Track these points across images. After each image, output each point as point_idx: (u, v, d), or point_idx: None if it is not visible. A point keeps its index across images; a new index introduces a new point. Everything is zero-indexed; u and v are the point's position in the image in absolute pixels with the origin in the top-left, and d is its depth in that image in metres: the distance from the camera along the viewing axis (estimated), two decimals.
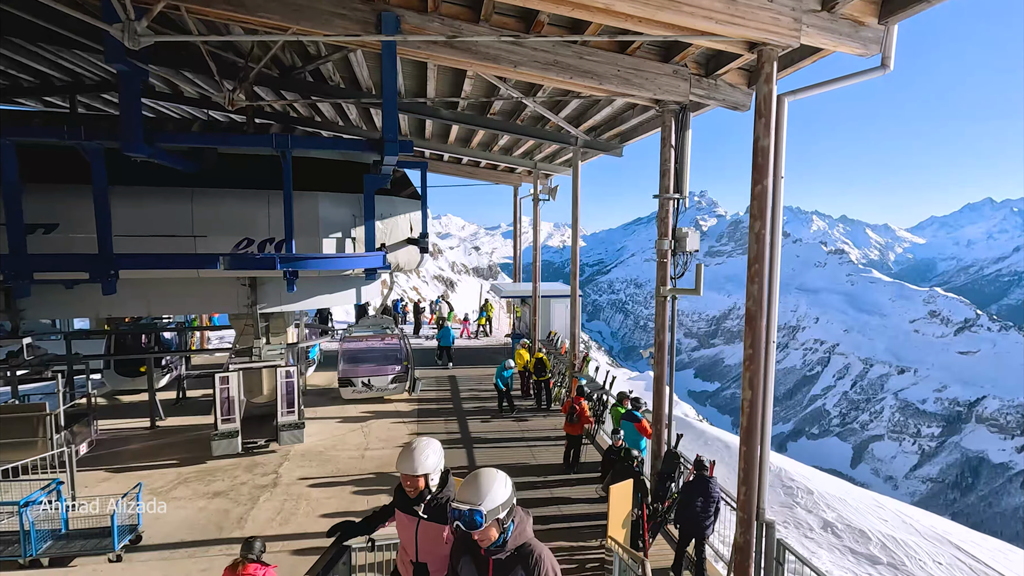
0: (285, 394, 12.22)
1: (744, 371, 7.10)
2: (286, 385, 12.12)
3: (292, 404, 12.25)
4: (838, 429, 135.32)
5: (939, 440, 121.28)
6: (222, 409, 11.81)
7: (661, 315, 9.84)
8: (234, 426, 11.99)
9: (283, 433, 12.31)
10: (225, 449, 11.98)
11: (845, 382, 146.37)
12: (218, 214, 11.71)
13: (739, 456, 7.18)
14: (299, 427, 12.35)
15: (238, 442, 12.07)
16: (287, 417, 12.34)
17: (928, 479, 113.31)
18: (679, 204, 9.72)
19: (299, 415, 12.33)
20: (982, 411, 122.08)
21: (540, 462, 12.58)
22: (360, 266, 11.41)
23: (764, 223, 6.82)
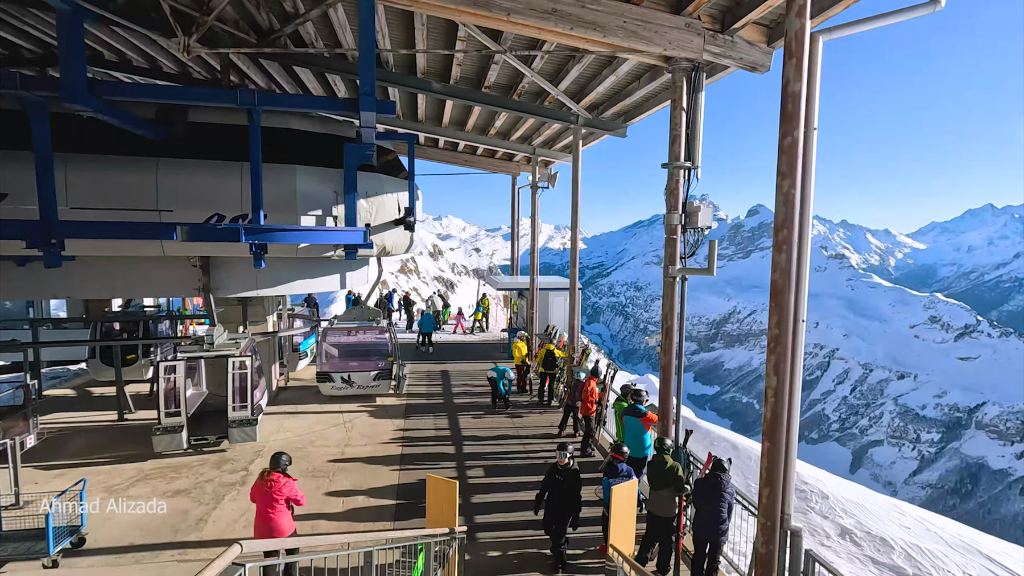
0: (237, 387, 11.07)
1: (768, 354, 6.12)
2: (238, 377, 11.00)
3: (245, 398, 11.12)
4: (837, 434, 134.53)
5: (939, 446, 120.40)
6: (166, 402, 10.75)
7: (669, 297, 8.87)
8: (179, 421, 10.91)
9: (233, 430, 11.18)
10: (167, 446, 10.92)
11: (844, 387, 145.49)
12: (186, 186, 10.74)
13: (761, 453, 6.20)
14: (251, 424, 11.18)
15: (183, 438, 10.99)
16: (238, 413, 11.18)
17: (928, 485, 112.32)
18: (691, 175, 8.75)
19: (252, 410, 11.21)
20: (982, 417, 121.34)
21: (535, 462, 11.59)
22: (337, 241, 10.38)
23: (793, 181, 5.85)
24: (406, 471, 10.90)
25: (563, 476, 7.84)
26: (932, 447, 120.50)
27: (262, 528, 6.84)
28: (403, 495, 9.96)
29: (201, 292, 11.41)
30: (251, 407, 11.09)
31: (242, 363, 10.87)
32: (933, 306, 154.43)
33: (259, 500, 6.90)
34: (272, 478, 6.90)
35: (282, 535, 6.75)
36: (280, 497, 6.85)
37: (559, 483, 7.84)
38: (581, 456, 12.09)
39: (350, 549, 4.90)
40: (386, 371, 14.84)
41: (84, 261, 11.33)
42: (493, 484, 10.46)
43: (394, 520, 9.07)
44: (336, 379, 14.62)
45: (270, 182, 11.18)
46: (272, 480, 6.89)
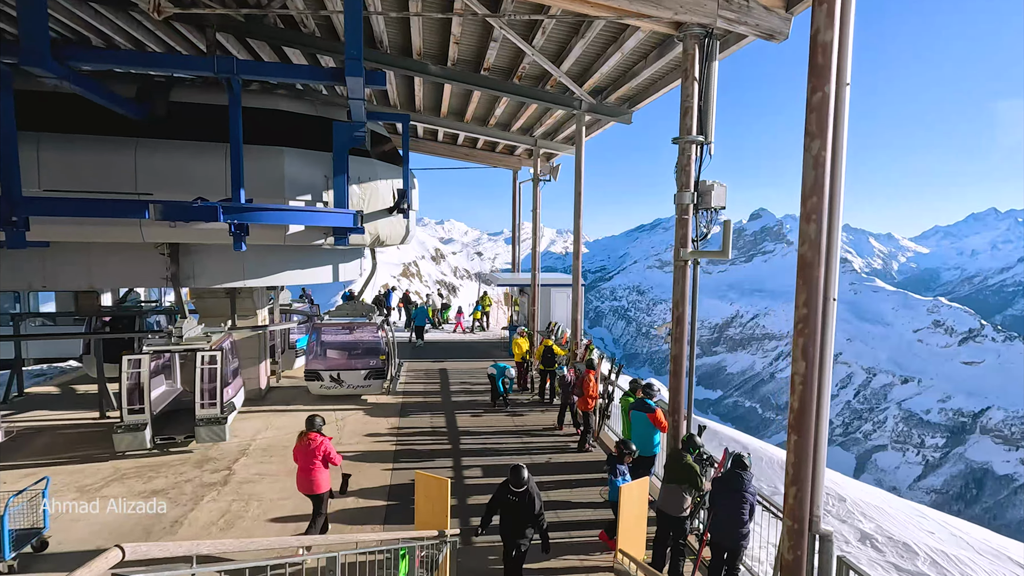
0: (206, 383, 10.40)
1: (795, 337, 5.49)
2: (207, 373, 10.34)
3: (213, 395, 10.43)
4: (841, 439, 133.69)
5: (943, 451, 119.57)
6: (129, 398, 10.08)
7: (680, 283, 8.22)
8: (142, 418, 10.24)
9: (200, 429, 10.47)
10: (129, 445, 10.25)
11: (848, 391, 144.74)
12: (167, 168, 10.16)
13: (787, 448, 5.57)
14: (219, 423, 10.49)
15: (146, 437, 10.29)
16: (206, 410, 10.49)
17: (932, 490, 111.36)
18: (703, 150, 8.13)
19: (222, 408, 10.53)
20: (986, 422, 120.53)
21: (536, 461, 10.95)
22: (324, 223, 9.75)
23: (824, 143, 5.23)
24: (399, 471, 10.26)
25: (517, 498, 6.54)
26: (936, 452, 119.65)
27: (304, 482, 7.66)
28: (395, 496, 9.32)
29: (167, 280, 10.74)
30: (220, 405, 10.41)
31: (212, 358, 10.21)
32: (936, 310, 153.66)
33: (300, 459, 7.66)
34: (310, 437, 7.67)
35: (320, 489, 7.64)
36: (319, 454, 7.59)
37: (512, 505, 6.57)
38: (578, 450, 11.64)
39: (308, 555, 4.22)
40: (378, 370, 14.07)
41: (60, 249, 10.75)
42: (492, 485, 9.78)
43: (384, 523, 8.43)
44: (325, 377, 13.88)
45: (256, 164, 10.59)
46: (310, 439, 7.65)
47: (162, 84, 10.91)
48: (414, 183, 14.02)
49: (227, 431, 10.54)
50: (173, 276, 10.72)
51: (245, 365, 14.24)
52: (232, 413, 11.01)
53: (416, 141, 22.61)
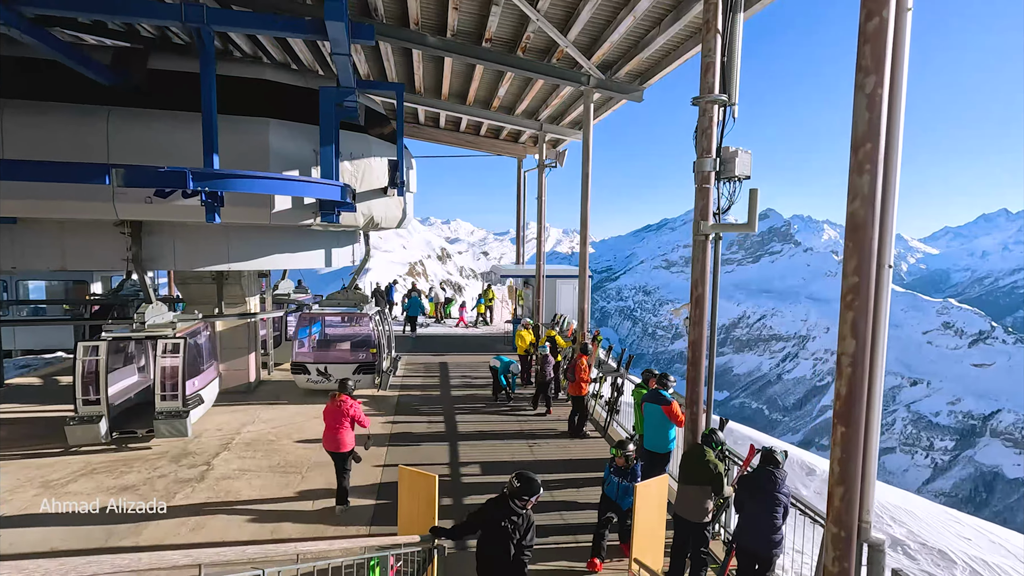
0: (167, 373, 9.61)
1: (843, 311, 4.66)
2: (168, 363, 9.55)
3: (175, 387, 9.63)
4: None
5: (952, 454, 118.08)
6: (84, 387, 9.30)
7: (700, 261, 7.40)
8: (98, 410, 9.45)
9: (159, 423, 9.59)
10: (82, 438, 9.48)
11: None
12: (142, 140, 9.38)
13: (833, 441, 4.74)
14: (179, 416, 9.68)
15: (101, 429, 9.50)
16: (167, 403, 9.68)
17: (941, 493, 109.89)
18: (727, 112, 7.30)
19: (184, 401, 9.74)
20: (997, 425, 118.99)
21: (539, 458, 10.15)
22: (307, 194, 8.93)
23: (880, 78, 4.41)
24: (391, 468, 9.47)
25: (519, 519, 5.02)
26: (946, 455, 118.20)
27: (331, 441, 7.92)
28: (385, 495, 8.53)
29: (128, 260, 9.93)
30: (182, 397, 9.63)
31: (174, 346, 9.43)
32: (946, 312, 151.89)
33: (329, 418, 7.96)
34: (341, 398, 7.99)
35: (345, 448, 7.91)
36: (347, 416, 7.90)
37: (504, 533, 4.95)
38: (572, 436, 11.20)
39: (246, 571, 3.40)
40: (368, 365, 13.14)
41: (30, 227, 10.03)
42: (490, 483, 9.01)
43: (371, 524, 7.64)
44: (311, 371, 13.04)
45: (239, 137, 9.85)
46: (341, 400, 7.97)
47: (140, 51, 10.16)
48: (411, 163, 13.21)
49: (189, 426, 9.75)
50: (134, 257, 9.90)
51: (233, 355, 13.53)
52: (200, 407, 10.25)
53: (418, 128, 21.89)
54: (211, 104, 7.93)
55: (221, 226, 10.90)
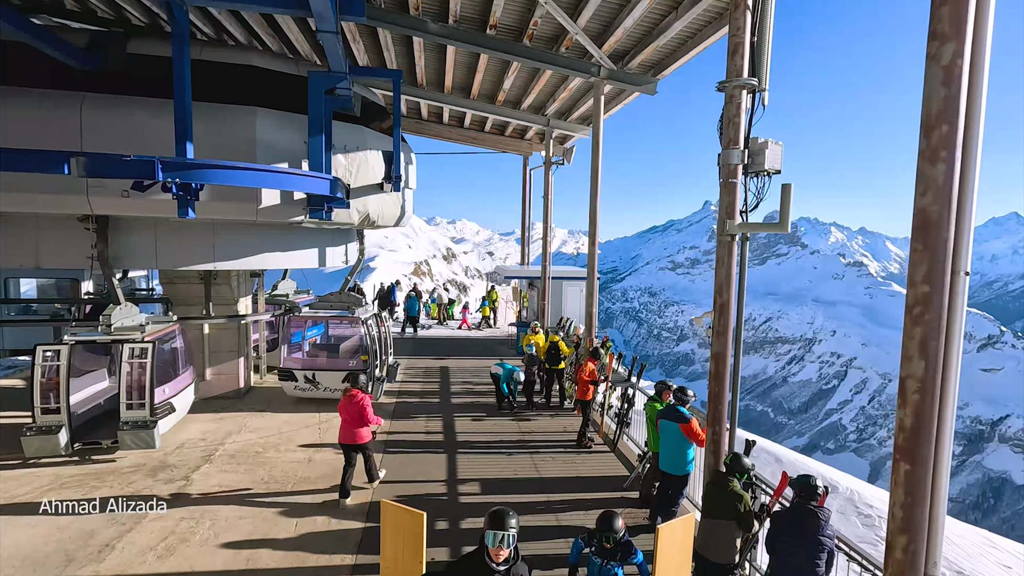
0: (133, 380, 8.90)
1: (908, 326, 3.92)
2: (135, 368, 8.84)
3: (142, 395, 8.93)
4: (855, 445, 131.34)
5: (960, 459, 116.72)
6: (43, 395, 8.59)
7: (725, 263, 6.66)
8: (58, 419, 8.74)
9: (124, 434, 8.86)
10: (40, 450, 8.75)
11: (862, 397, 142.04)
12: (118, 127, 8.71)
13: (893, 481, 4.00)
14: (146, 427, 8.96)
15: (61, 440, 8.77)
16: (133, 412, 8.97)
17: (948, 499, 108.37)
18: (756, 99, 6.56)
19: (152, 411, 9.03)
20: (1005, 430, 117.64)
21: (544, 475, 9.41)
22: (292, 187, 8.19)
23: (960, 48, 3.67)
24: (383, 484, 8.76)
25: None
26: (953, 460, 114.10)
27: (347, 434, 8.12)
28: (375, 516, 7.79)
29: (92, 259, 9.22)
30: (150, 406, 8.93)
31: (141, 351, 8.72)
32: None
33: (344, 412, 8.11)
34: (352, 392, 8.12)
35: (362, 440, 8.10)
36: (358, 408, 8.01)
37: None
38: (577, 446, 10.54)
39: None
40: (359, 372, 12.24)
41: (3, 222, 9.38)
42: (490, 504, 8.28)
43: (357, 552, 6.91)
44: (299, 377, 12.23)
45: (224, 126, 9.20)
46: (353, 394, 8.10)
47: (119, 35, 9.50)
48: (411, 158, 12.50)
49: (157, 437, 9.02)
50: (100, 256, 9.18)
51: (222, 360, 12.85)
52: (170, 416, 9.55)
53: (420, 124, 21.19)
54: (184, 88, 7.23)
55: (207, 223, 10.25)
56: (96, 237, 9.05)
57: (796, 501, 5.02)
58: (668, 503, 7.50)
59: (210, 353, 12.67)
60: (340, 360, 12.61)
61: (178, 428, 10.75)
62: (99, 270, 9.59)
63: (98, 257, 9.11)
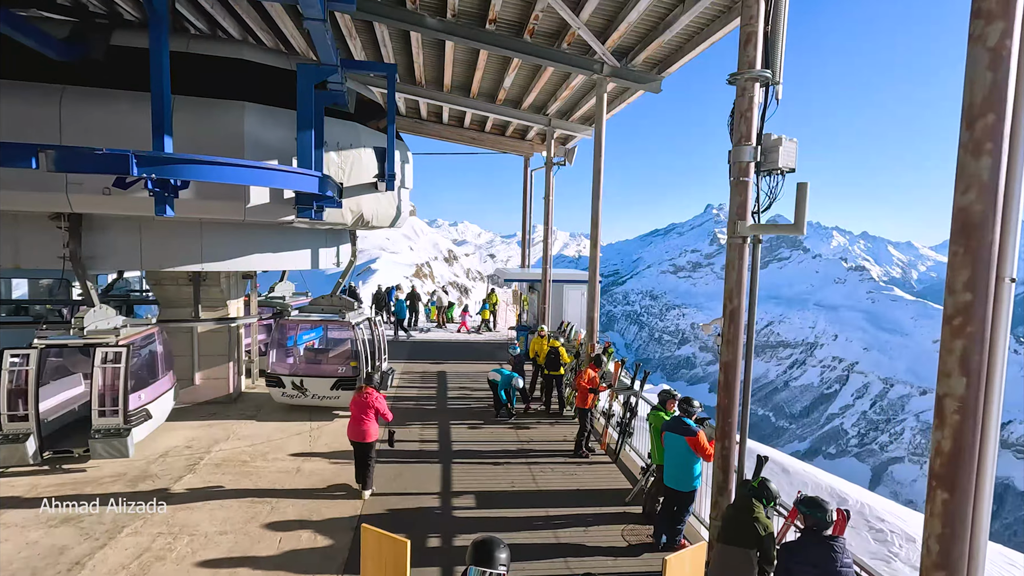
0: (106, 386, 8.46)
1: (947, 338, 3.51)
2: (108, 373, 8.40)
3: (115, 401, 8.49)
4: (856, 449, 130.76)
5: None
6: (10, 401, 8.16)
7: (735, 267, 6.27)
8: (26, 427, 8.31)
9: (96, 442, 8.41)
10: (7, 459, 8.29)
11: (864, 401, 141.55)
12: (99, 121, 8.35)
13: (929, 511, 3.60)
14: (119, 435, 8.51)
15: (28, 449, 8.32)
16: (105, 420, 8.52)
17: None
18: (770, 92, 6.17)
19: (126, 418, 8.59)
20: (1008, 436, 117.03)
21: (542, 487, 9.00)
22: (277, 184, 7.77)
23: (1009, 27, 3.28)
24: (375, 496, 8.36)
25: None
26: None
27: (355, 431, 8.23)
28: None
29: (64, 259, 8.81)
30: (124, 413, 8.51)
31: (114, 355, 8.30)
32: None
33: (355, 409, 8.28)
34: (367, 391, 8.30)
35: (369, 439, 8.22)
36: (371, 408, 8.20)
37: None
38: (574, 456, 10.14)
39: None
40: (349, 379, 11.76)
41: None
42: (485, 519, 7.88)
43: (342, 572, 6.50)
44: (287, 384, 11.74)
45: (209, 120, 8.83)
46: (367, 393, 8.27)
47: (102, 26, 9.14)
48: (408, 157, 12.12)
49: (130, 445, 8.61)
50: (72, 255, 8.77)
51: (212, 364, 12.45)
52: (146, 424, 9.14)
53: (419, 123, 20.83)
54: (162, 77, 6.83)
55: (193, 222, 9.88)
56: (68, 236, 8.65)
57: (808, 530, 4.59)
58: (673, 520, 7.10)
59: (200, 357, 12.28)
60: (329, 366, 12.15)
61: (163, 435, 10.37)
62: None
63: (70, 257, 8.71)
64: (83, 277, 8.84)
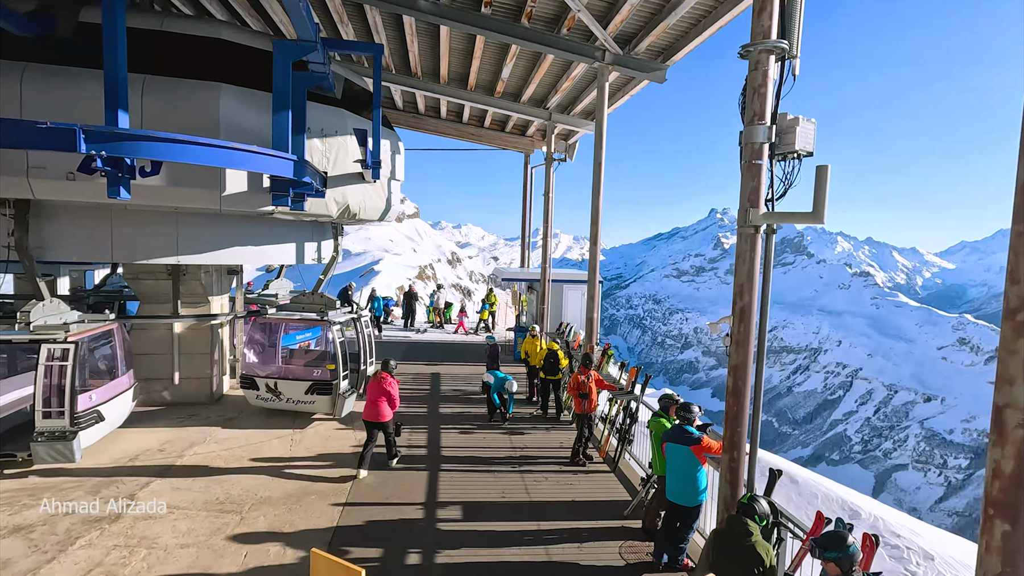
0: (52, 385, 7.87)
1: (1006, 338, 2.93)
2: (54, 372, 7.81)
3: (61, 402, 7.89)
4: (859, 456, 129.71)
5: (967, 472, 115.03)
6: None
7: (747, 260, 5.66)
8: None
9: (38, 445, 7.83)
10: None
11: (868, 408, 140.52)
12: (63, 100, 7.82)
13: (984, 545, 3.00)
14: (64, 438, 7.92)
15: None
16: (50, 422, 7.92)
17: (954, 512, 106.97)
18: (787, 67, 5.57)
19: (72, 419, 7.98)
20: None
21: (535, 497, 8.39)
22: (246, 166, 7.12)
23: None
24: (354, 507, 7.76)
25: None
26: (959, 473, 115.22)
27: (371, 412, 8.87)
28: (341, 544, 6.84)
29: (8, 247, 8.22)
30: (70, 414, 7.92)
31: (61, 352, 7.73)
32: (962, 327, 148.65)
33: (371, 392, 8.94)
34: (383, 376, 8.98)
35: (384, 419, 8.90)
36: (386, 392, 8.87)
37: None
38: (570, 464, 9.52)
39: None
40: (323, 384, 10.84)
41: None
42: (473, 533, 7.28)
43: None
44: (261, 386, 10.99)
45: (185, 103, 8.29)
46: (383, 377, 8.95)
47: (70, 1, 8.57)
48: (399, 147, 11.54)
49: (77, 449, 8.01)
50: (18, 244, 8.17)
51: (192, 363, 11.89)
52: (97, 427, 8.54)
53: (417, 118, 20.27)
54: (115, 47, 6.25)
55: (168, 212, 9.32)
56: (13, 224, 8.07)
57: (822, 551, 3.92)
58: (676, 539, 6.48)
59: (180, 355, 11.71)
60: (304, 368, 11.44)
61: (135, 437, 9.82)
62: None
63: (15, 247, 8.11)
64: (30, 268, 8.25)
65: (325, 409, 10.88)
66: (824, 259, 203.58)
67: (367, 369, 11.66)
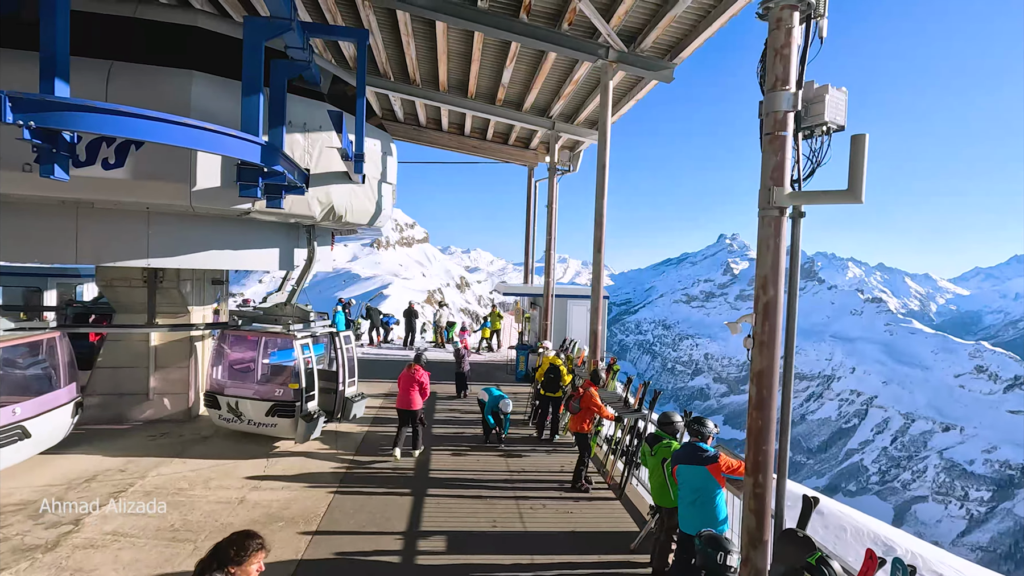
0: None
1: None
2: None
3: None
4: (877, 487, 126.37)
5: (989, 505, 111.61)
6: None
7: (771, 248, 4.85)
8: None
9: None
10: None
11: (884, 437, 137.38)
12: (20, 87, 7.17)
13: None
14: None
15: None
16: None
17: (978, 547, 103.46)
18: (813, 28, 4.84)
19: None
20: None
21: (530, 527, 7.48)
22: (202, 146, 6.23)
23: None
24: (324, 536, 6.89)
25: None
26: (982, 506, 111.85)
27: (403, 400, 9.74)
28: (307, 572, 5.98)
29: None
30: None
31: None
32: (979, 355, 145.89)
33: (403, 383, 9.78)
34: (415, 367, 9.84)
35: (415, 407, 9.73)
36: (417, 382, 9.72)
37: None
38: (571, 490, 8.64)
39: None
40: (287, 404, 9.68)
41: None
42: (454, 568, 6.38)
43: None
44: (223, 405, 9.99)
45: (157, 90, 7.70)
46: (415, 369, 9.82)
47: None
48: (391, 149, 10.90)
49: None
50: None
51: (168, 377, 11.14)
52: (19, 444, 7.68)
53: (418, 130, 19.80)
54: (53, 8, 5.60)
55: (139, 211, 8.65)
56: None
57: None
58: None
59: (155, 369, 10.97)
60: (265, 388, 10.15)
61: (97, 456, 9.03)
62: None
63: None
64: None
65: (287, 433, 9.80)
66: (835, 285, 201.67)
67: (344, 390, 10.71)
